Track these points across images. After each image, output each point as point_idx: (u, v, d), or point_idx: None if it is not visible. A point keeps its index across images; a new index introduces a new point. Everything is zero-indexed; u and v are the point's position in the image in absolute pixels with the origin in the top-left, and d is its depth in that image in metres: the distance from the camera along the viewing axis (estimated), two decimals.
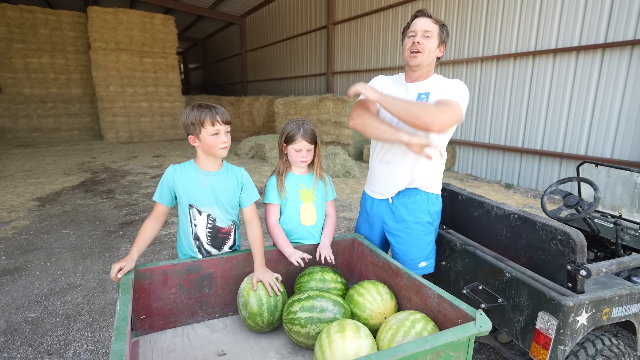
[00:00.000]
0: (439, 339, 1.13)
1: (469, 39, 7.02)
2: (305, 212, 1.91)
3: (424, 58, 1.70)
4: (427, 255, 1.91)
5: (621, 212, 2.43)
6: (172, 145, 11.58)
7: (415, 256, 1.88)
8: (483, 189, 6.32)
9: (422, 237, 1.87)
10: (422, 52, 1.68)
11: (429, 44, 1.69)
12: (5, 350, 2.26)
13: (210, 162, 1.68)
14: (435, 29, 1.70)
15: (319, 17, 11.46)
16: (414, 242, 1.86)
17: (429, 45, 1.69)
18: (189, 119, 1.58)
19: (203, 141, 1.59)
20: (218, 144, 1.59)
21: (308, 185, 1.92)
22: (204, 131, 1.57)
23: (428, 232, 1.88)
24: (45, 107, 11.96)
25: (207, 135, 1.57)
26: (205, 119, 1.55)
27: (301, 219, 1.91)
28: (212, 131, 1.57)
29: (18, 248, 3.78)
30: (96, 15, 11.20)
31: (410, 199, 1.84)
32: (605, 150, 5.34)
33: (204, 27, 19.43)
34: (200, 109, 1.57)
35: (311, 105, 9.46)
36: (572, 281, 1.52)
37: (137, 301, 1.58)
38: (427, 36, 1.68)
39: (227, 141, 1.63)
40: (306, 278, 1.73)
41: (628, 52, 4.97)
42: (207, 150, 1.62)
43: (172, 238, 4.04)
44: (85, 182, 6.64)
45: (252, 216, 1.77)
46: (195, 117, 1.56)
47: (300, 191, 1.90)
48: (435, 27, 1.71)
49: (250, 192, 1.78)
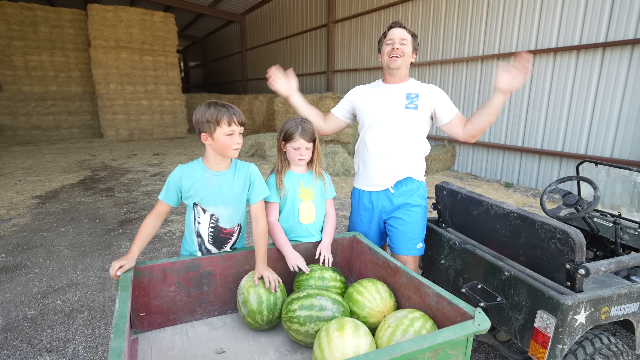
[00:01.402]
0: (438, 337, 1.13)
1: (470, 37, 7.01)
2: (304, 210, 1.91)
3: (403, 61, 1.96)
4: (423, 236, 2.09)
5: (620, 211, 2.43)
6: (172, 143, 11.58)
7: (415, 236, 2.03)
8: (483, 188, 6.32)
9: (420, 219, 2.05)
10: (401, 56, 1.94)
11: (405, 49, 1.95)
12: (4, 348, 2.27)
13: (219, 161, 1.66)
14: (409, 37, 1.97)
15: (320, 16, 11.43)
16: (414, 224, 2.03)
17: (406, 51, 1.95)
18: (204, 116, 1.54)
19: (216, 140, 1.57)
20: (231, 145, 1.58)
21: (307, 184, 1.92)
22: (219, 130, 1.55)
23: (424, 215, 2.09)
24: (45, 104, 11.94)
25: (221, 135, 1.55)
26: (222, 118, 1.53)
27: (300, 217, 1.91)
28: (228, 131, 1.55)
29: (18, 245, 3.79)
30: (96, 13, 11.17)
31: (407, 186, 2.03)
32: (605, 149, 5.34)
33: (204, 25, 19.39)
34: (217, 107, 1.55)
35: (311, 103, 9.36)
36: (571, 280, 1.52)
37: (136, 299, 1.58)
38: (403, 43, 1.94)
39: (240, 142, 1.62)
40: (305, 276, 1.74)
41: (628, 51, 4.96)
42: (219, 149, 1.60)
43: (171, 236, 4.04)
44: (85, 180, 6.64)
45: (259, 213, 1.75)
46: (211, 115, 1.53)
47: (299, 189, 1.90)
48: (409, 36, 1.97)
49: (259, 188, 1.76)
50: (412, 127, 1.99)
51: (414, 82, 2.05)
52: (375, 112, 2.02)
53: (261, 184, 1.77)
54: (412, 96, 1.99)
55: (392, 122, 1.98)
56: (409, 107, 1.97)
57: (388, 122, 1.99)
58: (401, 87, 2.01)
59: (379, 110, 2.02)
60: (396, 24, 1.99)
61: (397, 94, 2.00)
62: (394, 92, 2.01)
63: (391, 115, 1.99)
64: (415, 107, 1.97)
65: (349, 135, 8.63)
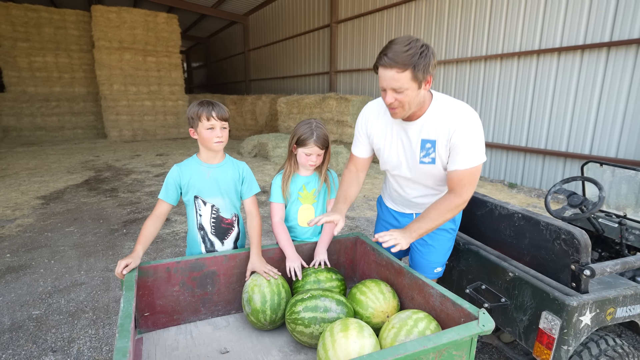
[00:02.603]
0: (442, 337, 1.13)
1: (473, 37, 6.99)
2: (303, 213, 1.93)
3: (406, 110, 1.49)
4: (444, 261, 1.89)
5: (626, 212, 2.41)
6: (175, 144, 11.61)
7: (434, 260, 1.85)
8: (486, 188, 6.30)
9: (445, 243, 1.84)
10: (398, 108, 1.48)
11: (403, 97, 1.43)
12: (10, 347, 2.28)
13: (211, 155, 1.77)
14: (404, 77, 1.38)
15: (322, 16, 11.43)
16: (437, 247, 1.83)
17: (404, 99, 1.44)
18: (190, 112, 1.71)
19: (200, 134, 1.70)
20: (212, 138, 1.69)
21: (310, 187, 1.92)
22: (200, 125, 1.68)
23: (451, 238, 1.86)
24: (49, 105, 12.01)
25: (203, 129, 1.68)
26: (202, 114, 1.67)
27: (299, 220, 1.93)
28: (208, 125, 1.67)
29: (22, 246, 3.81)
30: (100, 14, 11.24)
31: None
32: (610, 149, 5.30)
33: (207, 25, 19.44)
34: (200, 105, 1.69)
35: (314, 104, 9.46)
36: (576, 281, 1.51)
37: (140, 298, 1.58)
38: (398, 91, 1.42)
39: (222, 137, 1.72)
40: (300, 282, 1.73)
41: (634, 50, 4.93)
42: (203, 143, 1.73)
43: (175, 236, 4.05)
44: (88, 181, 6.67)
45: (252, 208, 1.85)
46: (194, 112, 1.69)
47: (300, 192, 1.91)
48: (404, 75, 1.38)
49: (251, 184, 1.86)
50: (431, 179, 1.70)
51: (435, 113, 1.55)
52: (389, 160, 1.75)
53: (253, 180, 1.87)
54: (427, 146, 1.58)
55: (408, 174, 1.72)
56: (424, 161, 1.62)
57: (404, 173, 1.74)
58: (416, 129, 1.59)
59: (391, 159, 1.74)
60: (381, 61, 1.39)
61: (410, 140, 1.63)
62: (406, 136, 1.63)
63: (405, 168, 1.71)
64: (431, 161, 1.60)
65: (351, 135, 8.62)
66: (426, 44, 1.40)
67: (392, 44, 1.39)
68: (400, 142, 1.67)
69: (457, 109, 1.52)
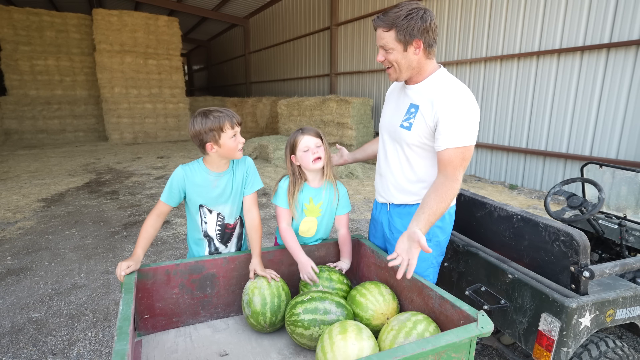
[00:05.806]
0: (441, 340, 1.13)
1: (473, 39, 7.00)
2: (306, 225, 1.87)
3: (397, 72, 1.53)
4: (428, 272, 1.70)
5: (626, 213, 2.41)
6: (176, 147, 11.63)
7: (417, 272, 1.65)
8: (487, 190, 6.29)
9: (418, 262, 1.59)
10: (391, 68, 1.53)
11: (391, 56, 1.48)
12: (10, 350, 2.28)
13: (224, 163, 1.71)
14: (388, 36, 1.44)
15: (322, 19, 11.47)
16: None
17: (392, 58, 1.48)
18: (206, 126, 1.55)
19: (224, 146, 1.60)
20: (237, 146, 1.63)
21: (317, 200, 1.84)
22: (224, 136, 1.58)
23: (426, 259, 1.66)
24: (51, 108, 12.06)
25: (227, 139, 1.59)
26: (225, 124, 1.57)
27: (300, 230, 1.87)
28: (232, 133, 1.60)
29: (23, 248, 3.82)
30: (101, 18, 11.30)
31: (405, 209, 1.71)
32: (610, 150, 5.30)
33: (208, 28, 19.51)
34: (215, 115, 1.57)
35: (314, 106, 9.47)
36: (576, 283, 1.51)
37: (140, 301, 1.59)
38: (387, 50, 1.48)
39: (243, 140, 1.68)
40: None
41: (633, 52, 4.93)
42: (227, 153, 1.64)
43: (175, 239, 4.06)
44: (89, 183, 6.68)
45: (252, 205, 1.79)
46: (213, 123, 1.55)
47: (307, 204, 1.83)
48: (388, 35, 1.44)
49: (253, 180, 1.80)
50: (406, 151, 1.61)
51: (431, 82, 1.53)
52: (383, 117, 1.76)
53: (255, 175, 1.81)
54: (411, 110, 1.56)
55: (388, 139, 1.70)
56: (403, 125, 1.59)
57: (385, 138, 1.72)
58: (410, 93, 1.60)
59: (385, 116, 1.74)
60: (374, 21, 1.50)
61: (402, 102, 1.63)
62: (402, 98, 1.65)
63: (388, 131, 1.69)
64: (408, 126, 1.56)
65: (352, 137, 8.63)
66: (424, 8, 1.44)
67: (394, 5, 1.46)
68: (396, 102, 1.69)
69: (452, 84, 1.49)
